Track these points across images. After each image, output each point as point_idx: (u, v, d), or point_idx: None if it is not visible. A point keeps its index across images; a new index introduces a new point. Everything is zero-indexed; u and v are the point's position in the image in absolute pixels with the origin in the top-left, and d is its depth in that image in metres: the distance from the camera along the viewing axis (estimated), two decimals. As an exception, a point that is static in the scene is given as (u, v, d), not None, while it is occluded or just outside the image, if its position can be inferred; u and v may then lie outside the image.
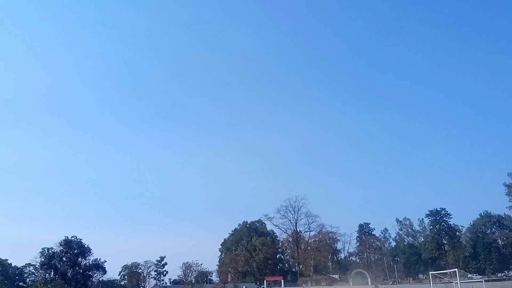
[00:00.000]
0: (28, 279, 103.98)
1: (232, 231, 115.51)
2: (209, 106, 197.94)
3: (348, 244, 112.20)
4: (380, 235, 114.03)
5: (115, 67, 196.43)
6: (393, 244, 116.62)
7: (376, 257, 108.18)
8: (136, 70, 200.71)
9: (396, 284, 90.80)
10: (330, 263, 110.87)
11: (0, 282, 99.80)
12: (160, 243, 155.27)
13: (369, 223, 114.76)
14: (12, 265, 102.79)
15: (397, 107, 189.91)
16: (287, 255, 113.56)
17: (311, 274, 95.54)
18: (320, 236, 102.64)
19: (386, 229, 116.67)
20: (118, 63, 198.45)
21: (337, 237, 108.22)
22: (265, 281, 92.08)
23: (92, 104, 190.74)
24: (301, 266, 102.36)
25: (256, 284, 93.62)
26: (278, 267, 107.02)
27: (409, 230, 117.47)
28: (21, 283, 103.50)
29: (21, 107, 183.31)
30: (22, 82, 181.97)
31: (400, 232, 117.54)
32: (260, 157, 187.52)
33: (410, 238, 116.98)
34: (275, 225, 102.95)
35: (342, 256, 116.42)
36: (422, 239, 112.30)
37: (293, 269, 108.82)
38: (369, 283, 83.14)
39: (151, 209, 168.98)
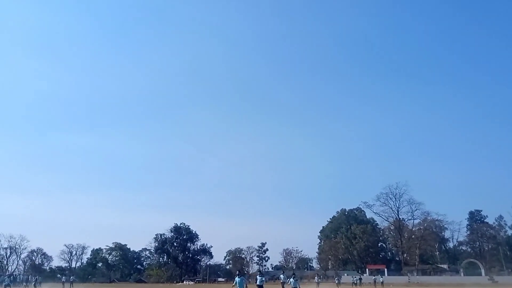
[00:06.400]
0: (144, 262, 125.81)
1: (330, 218, 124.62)
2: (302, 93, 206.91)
3: (457, 233, 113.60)
4: (494, 223, 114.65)
5: (213, 66, 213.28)
6: (510, 232, 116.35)
7: (490, 247, 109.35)
8: (230, 68, 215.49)
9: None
10: (437, 253, 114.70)
11: (121, 265, 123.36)
12: (261, 230, 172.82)
13: (481, 210, 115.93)
14: (131, 249, 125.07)
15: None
16: (389, 244, 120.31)
17: (416, 263, 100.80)
18: (425, 224, 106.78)
19: (501, 217, 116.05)
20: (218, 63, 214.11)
21: (445, 225, 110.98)
22: (367, 269, 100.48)
23: (189, 100, 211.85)
24: (405, 255, 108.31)
25: (358, 272, 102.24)
26: (381, 256, 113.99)
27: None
28: (139, 266, 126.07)
29: (138, 106, 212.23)
30: (136, 84, 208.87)
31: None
32: (356, 144, 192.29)
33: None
34: (375, 212, 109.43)
35: (451, 245, 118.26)
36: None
37: (397, 258, 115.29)
38: (483, 274, 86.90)
39: (250, 197, 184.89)
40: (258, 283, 26.45)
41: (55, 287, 58.45)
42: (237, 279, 21.70)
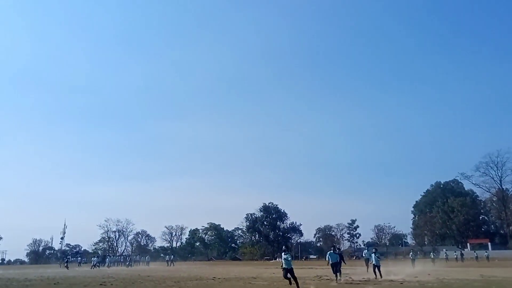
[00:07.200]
0: (238, 241, 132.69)
1: (424, 192, 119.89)
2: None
3: None
4: None
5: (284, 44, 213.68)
6: None
7: None
8: (301, 47, 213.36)
9: None
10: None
11: (217, 243, 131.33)
12: (350, 207, 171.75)
13: None
14: (224, 229, 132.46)
15: None
16: (492, 216, 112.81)
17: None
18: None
19: None
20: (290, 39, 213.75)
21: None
22: (468, 244, 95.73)
23: (268, 82, 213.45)
24: (511, 227, 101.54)
25: (458, 247, 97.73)
26: (483, 229, 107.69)
27: None
28: (233, 245, 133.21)
29: (222, 91, 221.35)
30: (216, 70, 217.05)
31: None
32: (448, 113, 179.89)
33: None
34: (474, 184, 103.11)
35: None
36: None
37: (502, 231, 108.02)
38: None
39: (337, 174, 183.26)
40: (331, 261, 21.30)
41: (162, 266, 64.34)
42: (283, 256, 17.90)
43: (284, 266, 17.69)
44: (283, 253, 18.29)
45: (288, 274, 17.47)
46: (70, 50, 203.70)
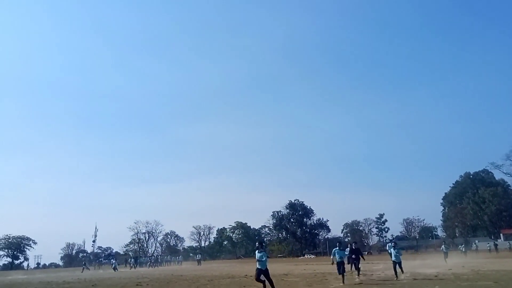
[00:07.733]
0: (265, 239, 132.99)
1: (453, 184, 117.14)
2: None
3: None
4: None
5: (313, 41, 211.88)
6: None
7: None
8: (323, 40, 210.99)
9: None
10: None
11: (244, 242, 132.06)
12: (377, 201, 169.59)
13: None
14: (251, 227, 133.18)
15: None
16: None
17: None
18: None
19: None
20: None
21: None
22: (501, 234, 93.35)
23: (290, 78, 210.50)
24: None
25: (490, 238, 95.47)
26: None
27: None
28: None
29: (239, 93, 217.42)
30: (236, 72, 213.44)
31: None
32: (475, 102, 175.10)
33: None
34: (505, 173, 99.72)
35: None
36: None
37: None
38: None
39: (363, 169, 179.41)
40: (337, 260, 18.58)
41: (192, 265, 65.33)
42: (257, 253, 14.88)
43: (257, 266, 14.70)
44: (256, 251, 15.08)
45: (262, 276, 14.59)
46: (99, 58, 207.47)
